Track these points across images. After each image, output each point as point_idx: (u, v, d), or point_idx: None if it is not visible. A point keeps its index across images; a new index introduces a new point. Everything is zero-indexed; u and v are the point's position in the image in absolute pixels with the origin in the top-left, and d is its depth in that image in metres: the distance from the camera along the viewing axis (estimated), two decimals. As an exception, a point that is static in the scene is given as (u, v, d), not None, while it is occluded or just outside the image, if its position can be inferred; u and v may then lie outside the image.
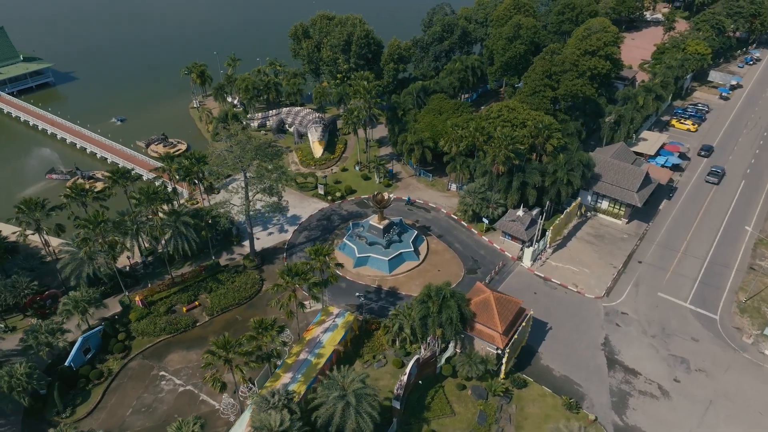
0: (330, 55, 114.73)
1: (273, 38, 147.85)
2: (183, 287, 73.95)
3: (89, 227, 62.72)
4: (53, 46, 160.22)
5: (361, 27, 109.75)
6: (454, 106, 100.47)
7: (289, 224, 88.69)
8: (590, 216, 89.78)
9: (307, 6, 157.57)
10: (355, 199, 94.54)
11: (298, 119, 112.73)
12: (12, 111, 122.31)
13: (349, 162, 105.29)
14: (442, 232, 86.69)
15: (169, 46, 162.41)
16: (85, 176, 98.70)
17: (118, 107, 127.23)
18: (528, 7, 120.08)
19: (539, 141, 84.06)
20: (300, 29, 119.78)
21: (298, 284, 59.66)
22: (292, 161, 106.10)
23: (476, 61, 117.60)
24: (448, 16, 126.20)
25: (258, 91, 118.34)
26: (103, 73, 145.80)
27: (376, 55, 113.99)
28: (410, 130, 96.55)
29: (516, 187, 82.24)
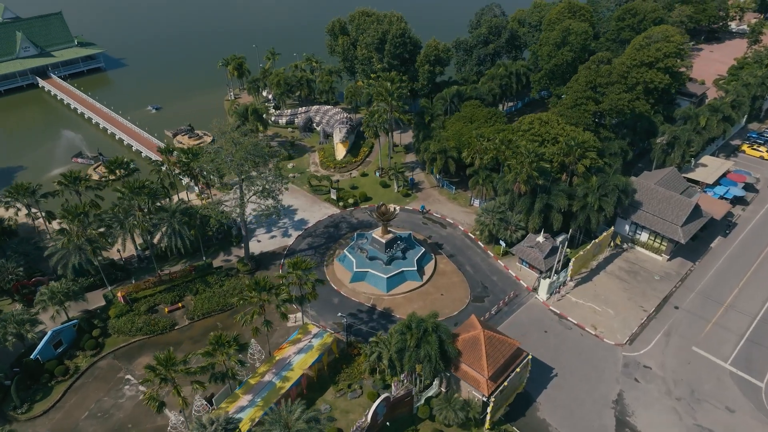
0: (364, 53, 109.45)
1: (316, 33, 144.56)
2: (170, 286, 71.04)
3: (68, 218, 60.64)
4: (108, 33, 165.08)
5: (397, 25, 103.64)
6: (487, 115, 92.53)
7: (295, 228, 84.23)
8: (626, 248, 79.44)
9: (357, 2, 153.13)
10: (368, 207, 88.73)
11: (325, 118, 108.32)
12: (58, 93, 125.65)
13: (371, 167, 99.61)
14: (454, 252, 79.33)
15: (215, 37, 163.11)
16: (105, 162, 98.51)
17: (156, 95, 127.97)
18: (584, 11, 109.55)
19: (570, 160, 74.86)
20: (337, 25, 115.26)
21: (266, 300, 54.59)
22: (312, 161, 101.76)
23: (522, 67, 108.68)
24: (497, 17, 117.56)
25: (290, 87, 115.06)
26: (150, 61, 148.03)
27: (412, 55, 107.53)
28: (435, 138, 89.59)
29: (538, 209, 73.58)
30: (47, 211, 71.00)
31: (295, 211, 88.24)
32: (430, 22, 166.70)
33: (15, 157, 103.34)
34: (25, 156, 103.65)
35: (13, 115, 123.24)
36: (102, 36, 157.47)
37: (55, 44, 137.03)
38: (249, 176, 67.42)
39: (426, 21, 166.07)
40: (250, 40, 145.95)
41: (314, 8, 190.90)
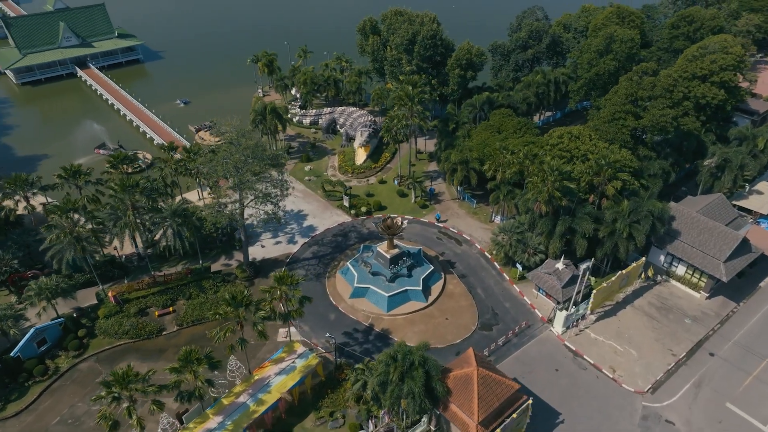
0: (394, 54, 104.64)
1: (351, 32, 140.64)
2: (164, 289, 68.57)
3: (57, 214, 58.83)
4: (150, 25, 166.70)
5: (428, 26, 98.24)
6: (517, 125, 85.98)
7: (302, 235, 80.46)
8: (659, 281, 71.43)
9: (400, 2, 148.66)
10: (381, 217, 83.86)
11: (349, 120, 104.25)
12: (93, 84, 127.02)
13: (390, 174, 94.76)
14: (466, 272, 73.49)
15: (251, 32, 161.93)
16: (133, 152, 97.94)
17: (186, 89, 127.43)
18: (635, 17, 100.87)
19: (599, 180, 67.61)
20: (368, 24, 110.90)
21: (242, 317, 50.66)
22: (330, 165, 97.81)
23: (562, 75, 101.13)
24: (539, 21, 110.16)
25: (317, 86, 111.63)
26: (185, 54, 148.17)
27: (443, 58, 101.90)
28: (457, 147, 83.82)
29: (560, 232, 66.81)
30: (43, 204, 69.79)
31: (305, 216, 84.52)
32: (468, 24, 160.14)
33: (42, 145, 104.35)
34: (52, 144, 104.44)
35: (49, 103, 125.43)
36: (143, 28, 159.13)
37: (96, 35, 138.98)
38: (247, 180, 63.83)
39: (463, 23, 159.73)
40: (284, 37, 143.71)
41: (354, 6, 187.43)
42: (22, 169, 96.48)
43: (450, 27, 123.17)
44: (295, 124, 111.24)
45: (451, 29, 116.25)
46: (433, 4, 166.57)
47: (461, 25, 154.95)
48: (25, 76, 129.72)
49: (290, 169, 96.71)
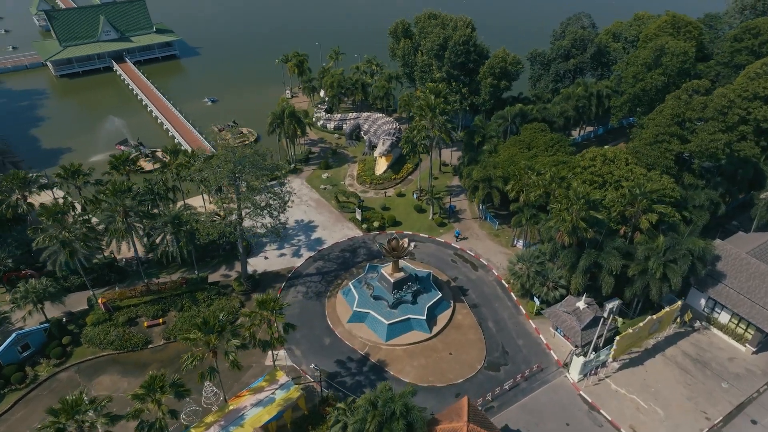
0: (424, 59, 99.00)
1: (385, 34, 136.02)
2: (157, 298, 65.63)
3: (45, 216, 56.59)
4: (189, 21, 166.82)
5: (461, 31, 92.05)
6: (549, 142, 79.00)
7: (308, 248, 76.19)
8: (698, 328, 63.11)
9: (446, 6, 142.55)
10: (395, 234, 78.69)
11: (374, 127, 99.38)
12: (126, 78, 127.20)
13: (410, 187, 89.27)
14: (479, 301, 67.29)
15: (285, 32, 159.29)
16: (143, 152, 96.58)
17: (216, 87, 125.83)
18: (692, 28, 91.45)
19: (631, 212, 60.04)
20: (400, 27, 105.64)
21: (213, 344, 46.46)
22: (349, 173, 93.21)
23: (606, 88, 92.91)
24: (585, 29, 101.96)
25: (343, 89, 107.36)
26: (220, 51, 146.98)
27: (477, 65, 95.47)
28: (481, 163, 77.57)
29: (583, 267, 59.69)
30: (41, 204, 68.15)
31: (314, 228, 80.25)
32: (508, 31, 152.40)
33: (68, 139, 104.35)
34: (78, 138, 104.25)
35: (83, 96, 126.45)
36: (183, 24, 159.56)
37: (134, 29, 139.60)
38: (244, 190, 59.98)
39: (503, 30, 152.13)
40: (318, 37, 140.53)
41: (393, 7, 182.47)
42: (44, 163, 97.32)
43: (488, 33, 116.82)
44: (319, 128, 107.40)
45: (489, 35, 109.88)
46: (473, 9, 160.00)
47: (500, 32, 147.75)
48: (64, 69, 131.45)
49: (307, 175, 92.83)
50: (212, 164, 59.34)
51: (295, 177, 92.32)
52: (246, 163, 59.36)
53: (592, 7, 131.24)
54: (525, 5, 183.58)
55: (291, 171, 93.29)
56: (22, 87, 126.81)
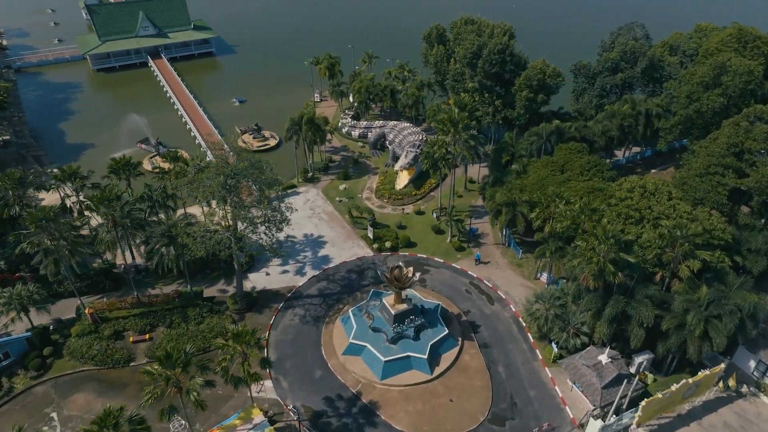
0: (457, 67, 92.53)
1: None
2: (147, 311, 62.24)
3: (29, 222, 53.92)
4: (229, 18, 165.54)
5: (498, 39, 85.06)
6: (586, 165, 71.30)
7: (313, 266, 71.39)
8: (745, 395, 54.34)
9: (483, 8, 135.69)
10: (408, 256, 72.91)
11: (399, 137, 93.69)
12: (158, 74, 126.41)
13: (431, 204, 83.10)
14: (491, 340, 60.64)
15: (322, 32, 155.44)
16: (161, 152, 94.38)
17: (246, 87, 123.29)
18: (760, 43, 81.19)
19: (670, 256, 52.04)
20: (435, 32, 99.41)
21: (173, 383, 41.89)
22: (367, 186, 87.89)
23: (657, 107, 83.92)
24: (637, 41, 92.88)
25: (371, 95, 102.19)
26: (256, 51, 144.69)
27: (513, 76, 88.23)
28: (506, 185, 70.74)
29: (609, 316, 52.15)
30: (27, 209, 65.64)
31: (323, 244, 75.39)
32: (553, 39, 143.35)
33: (93, 134, 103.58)
34: (102, 134, 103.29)
35: (116, 91, 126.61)
36: (222, 21, 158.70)
37: (172, 26, 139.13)
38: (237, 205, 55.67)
39: (547, 38, 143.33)
40: (353, 38, 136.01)
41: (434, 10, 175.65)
42: (66, 158, 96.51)
43: (530, 42, 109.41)
44: (344, 135, 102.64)
45: (530, 44, 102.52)
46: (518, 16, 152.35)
47: (544, 41, 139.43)
48: (102, 63, 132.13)
49: (324, 185, 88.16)
50: (202, 177, 55.21)
51: (311, 186, 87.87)
52: (241, 176, 54.99)
53: (648, 16, 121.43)
54: (575, 13, 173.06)
55: (308, 180, 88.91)
56: (60, 80, 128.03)
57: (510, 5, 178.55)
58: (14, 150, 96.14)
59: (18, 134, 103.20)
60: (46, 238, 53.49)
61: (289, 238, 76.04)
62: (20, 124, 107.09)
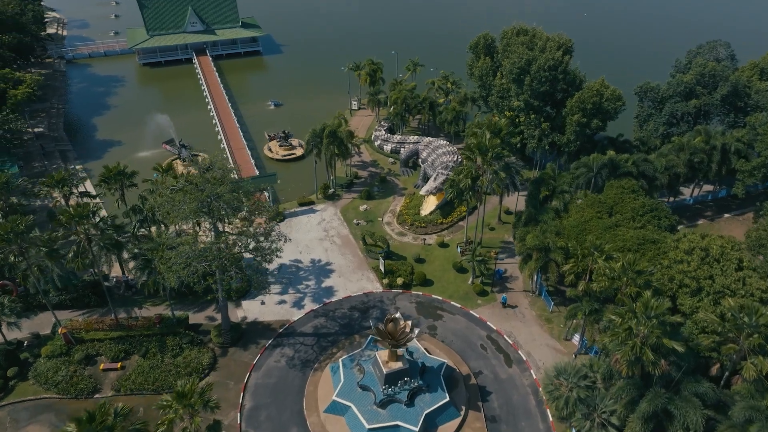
0: (503, 83, 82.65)
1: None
2: (125, 335, 57.17)
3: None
4: (281, 17, 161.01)
5: (550, 54, 74.60)
6: (640, 209, 60.35)
7: (314, 298, 64.25)
8: None
9: (549, 19, 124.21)
10: (422, 296, 64.38)
11: (432, 156, 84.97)
12: (199, 72, 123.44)
13: (457, 236, 73.96)
14: (501, 413, 51.21)
15: (371, 35, 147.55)
16: (182, 156, 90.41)
17: (285, 89, 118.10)
18: None
19: (732, 349, 40.77)
20: (483, 41, 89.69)
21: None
22: (390, 209, 79.80)
23: (738, 142, 71.08)
24: (720, 62, 79.52)
25: (409, 107, 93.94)
26: (304, 51, 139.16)
27: (566, 96, 77.47)
28: (540, 226, 60.71)
29: (645, 413, 41.58)
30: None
31: (330, 272, 68.09)
32: (620, 55, 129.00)
33: (123, 131, 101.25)
34: (132, 131, 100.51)
35: (157, 87, 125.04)
36: (275, 18, 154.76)
37: (220, 23, 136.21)
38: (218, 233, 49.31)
39: (614, 54, 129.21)
40: (400, 43, 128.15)
41: (496, 18, 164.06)
42: (91, 154, 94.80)
43: (591, 57, 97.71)
44: (376, 149, 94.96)
45: (591, 60, 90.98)
46: (582, 28, 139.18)
47: (607, 57, 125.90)
48: (148, 57, 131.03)
49: (344, 204, 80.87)
50: (176, 199, 49.07)
51: (330, 204, 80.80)
52: (221, 201, 48.48)
53: (736, 34, 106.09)
54: (650, 27, 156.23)
55: (328, 197, 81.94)
56: (106, 72, 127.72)
57: (581, 13, 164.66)
58: (39, 143, 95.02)
59: (52, 127, 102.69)
60: (11, 254, 49.11)
61: (294, 262, 69.45)
62: (58, 116, 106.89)
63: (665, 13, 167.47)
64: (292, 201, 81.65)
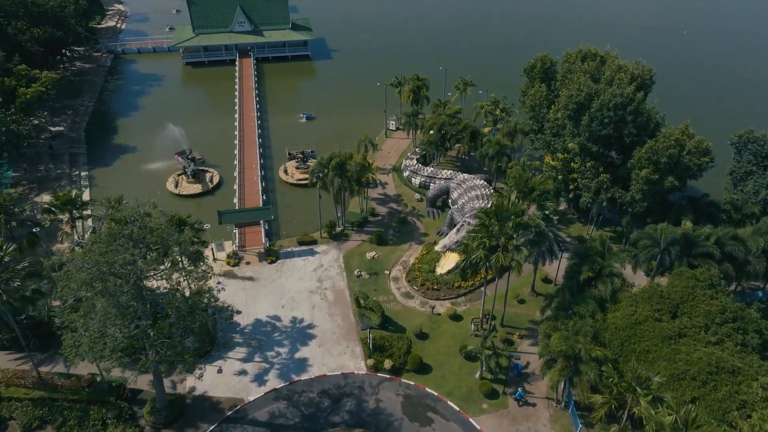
0: (558, 118, 67.06)
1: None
2: (48, 397, 48.20)
3: None
4: (340, 19, 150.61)
5: (619, 88, 58.33)
6: (718, 314, 43.94)
7: (280, 373, 52.63)
8: None
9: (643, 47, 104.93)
10: (414, 388, 50.98)
11: (464, 199, 70.89)
12: (236, 76, 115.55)
13: (475, 307, 59.51)
14: None
15: (428, 44, 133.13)
16: (188, 171, 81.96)
17: (321, 100, 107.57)
18: None
19: None
20: (540, 64, 74.07)
21: None
22: (401, 259, 66.54)
23: None
24: None
25: (446, 136, 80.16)
26: (352, 59, 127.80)
27: (635, 143, 60.83)
28: (573, 323, 45.49)
29: None
30: None
31: (309, 338, 56.19)
32: (722, 93, 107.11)
33: (141, 136, 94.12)
34: (150, 137, 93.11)
35: (192, 88, 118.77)
36: (332, 21, 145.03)
37: (269, 23, 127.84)
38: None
39: (712, 90, 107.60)
40: (451, 57, 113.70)
41: (574, 36, 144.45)
42: (102, 160, 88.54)
43: (677, 93, 79.29)
44: (404, 181, 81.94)
45: (677, 97, 73.14)
46: (674, 52, 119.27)
47: (703, 92, 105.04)
48: (191, 56, 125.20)
49: (350, 248, 68.69)
50: (68, 269, 38.59)
51: (334, 246, 68.84)
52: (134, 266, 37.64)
53: None
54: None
55: (333, 236, 70.04)
56: (149, 70, 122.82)
57: (680, 30, 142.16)
58: (49, 143, 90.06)
59: (74, 126, 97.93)
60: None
61: (272, 319, 58.18)
62: (84, 114, 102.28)
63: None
64: (294, 237, 70.44)
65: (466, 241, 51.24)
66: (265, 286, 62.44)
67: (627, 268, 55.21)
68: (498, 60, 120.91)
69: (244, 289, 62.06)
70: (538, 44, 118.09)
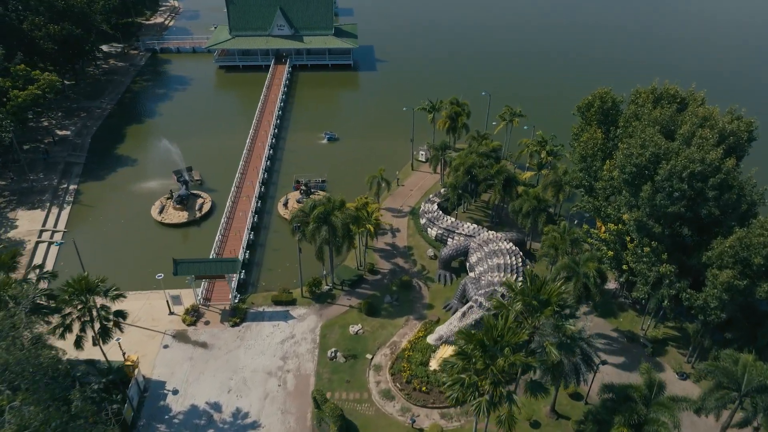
0: (611, 177, 50.76)
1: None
2: None
3: None
4: (388, 27, 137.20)
5: (698, 150, 41.67)
6: None
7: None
8: None
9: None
10: None
11: (483, 266, 56.13)
12: (265, 85, 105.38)
13: (469, 427, 44.75)
14: None
15: (478, 62, 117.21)
16: (175, 194, 72.27)
17: (350, 119, 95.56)
18: None
19: None
20: (598, 103, 57.42)
21: None
22: (390, 342, 52.65)
23: None
24: None
25: (475, 179, 65.42)
26: (397, 72, 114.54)
27: (718, 228, 43.78)
28: None
29: None
30: None
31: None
32: None
33: (146, 148, 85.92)
34: (156, 149, 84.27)
35: (221, 96, 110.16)
36: (383, 29, 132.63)
37: (310, 28, 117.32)
38: None
39: None
40: (494, 82, 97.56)
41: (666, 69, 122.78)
42: (98, 172, 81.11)
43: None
44: (419, 229, 67.91)
45: (758, 168, 54.57)
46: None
47: None
48: (226, 60, 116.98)
49: (333, 315, 55.75)
50: None
51: (314, 312, 56.13)
52: None
53: None
54: None
55: (316, 298, 57.45)
56: (180, 72, 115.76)
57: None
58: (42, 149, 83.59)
59: (82, 131, 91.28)
60: None
61: (211, 407, 46.40)
62: (97, 118, 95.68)
63: None
64: (272, 292, 58.33)
65: (442, 368, 36.84)
66: (217, 358, 50.83)
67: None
68: (557, 88, 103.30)
69: (191, 359, 50.76)
70: (609, 71, 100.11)
